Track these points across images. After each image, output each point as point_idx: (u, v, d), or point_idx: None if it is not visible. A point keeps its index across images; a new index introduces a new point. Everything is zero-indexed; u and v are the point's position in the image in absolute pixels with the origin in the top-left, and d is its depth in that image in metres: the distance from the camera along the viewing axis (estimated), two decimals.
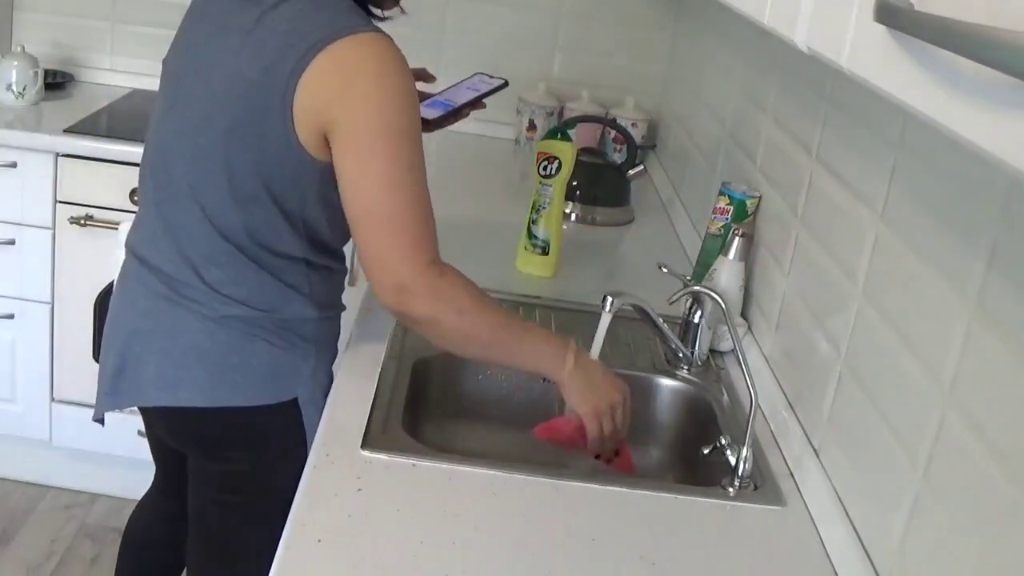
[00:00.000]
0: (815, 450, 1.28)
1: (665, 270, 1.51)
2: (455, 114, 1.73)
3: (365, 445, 1.21)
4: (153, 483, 1.77)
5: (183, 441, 1.44)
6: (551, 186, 1.76)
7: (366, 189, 1.23)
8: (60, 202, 2.32)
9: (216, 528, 1.47)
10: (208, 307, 1.32)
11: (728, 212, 1.66)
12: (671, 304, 1.49)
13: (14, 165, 2.27)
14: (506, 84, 1.74)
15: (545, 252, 1.81)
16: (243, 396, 1.34)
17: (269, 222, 1.30)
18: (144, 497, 1.79)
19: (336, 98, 1.21)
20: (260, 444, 1.39)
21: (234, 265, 1.32)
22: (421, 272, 1.26)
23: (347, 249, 1.45)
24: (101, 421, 1.46)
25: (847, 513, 1.15)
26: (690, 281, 1.51)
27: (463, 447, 1.48)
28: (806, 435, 1.32)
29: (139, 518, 1.79)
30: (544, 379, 1.36)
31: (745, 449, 1.25)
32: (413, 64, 1.42)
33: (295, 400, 1.37)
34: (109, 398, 1.39)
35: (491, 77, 1.76)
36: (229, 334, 1.33)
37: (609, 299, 1.37)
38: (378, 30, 1.30)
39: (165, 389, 1.34)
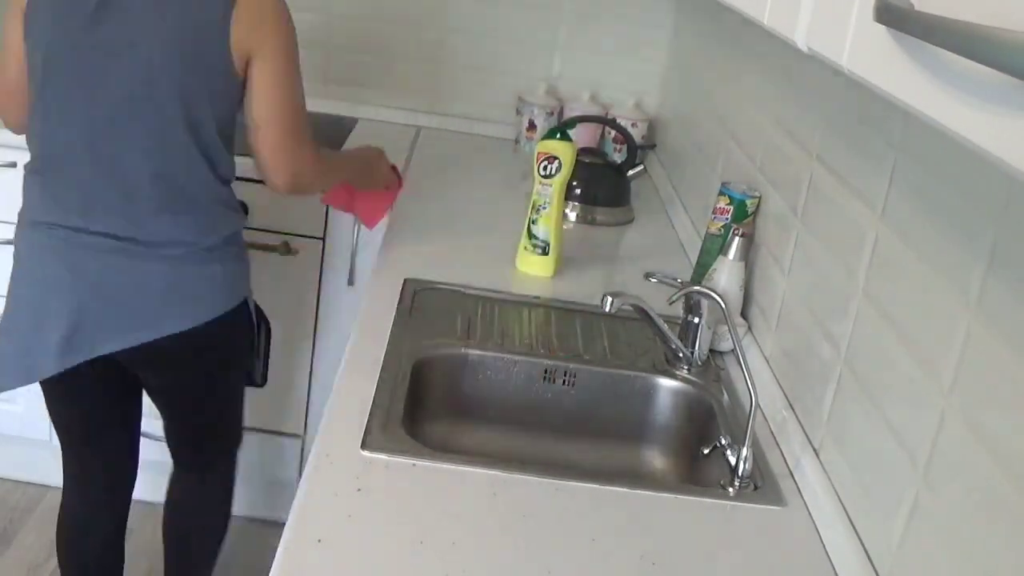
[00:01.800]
0: (815, 450, 1.28)
1: (654, 280, 1.50)
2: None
3: (365, 445, 1.21)
4: (74, 475, 1.85)
5: (158, 369, 1.69)
6: (551, 186, 1.76)
7: (277, 97, 1.58)
8: None
9: (206, 405, 1.81)
10: (170, 249, 1.57)
11: (728, 212, 1.66)
12: (671, 304, 1.49)
13: (14, 165, 2.26)
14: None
15: (545, 252, 1.81)
16: (212, 310, 1.63)
17: (217, 150, 1.58)
18: (69, 492, 1.87)
19: (256, 31, 1.53)
20: (229, 341, 1.73)
21: (190, 208, 1.58)
22: (311, 157, 1.65)
23: None
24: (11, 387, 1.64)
25: (847, 513, 1.15)
26: (683, 283, 1.51)
27: (463, 447, 1.48)
28: (806, 435, 1.32)
29: (75, 514, 1.87)
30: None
31: (745, 449, 1.25)
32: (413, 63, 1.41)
33: (244, 300, 1.71)
34: (67, 356, 1.58)
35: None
36: (190, 266, 1.59)
37: (609, 299, 1.37)
38: None
39: (146, 327, 1.58)
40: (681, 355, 1.52)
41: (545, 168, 1.76)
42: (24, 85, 1.58)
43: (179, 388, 1.77)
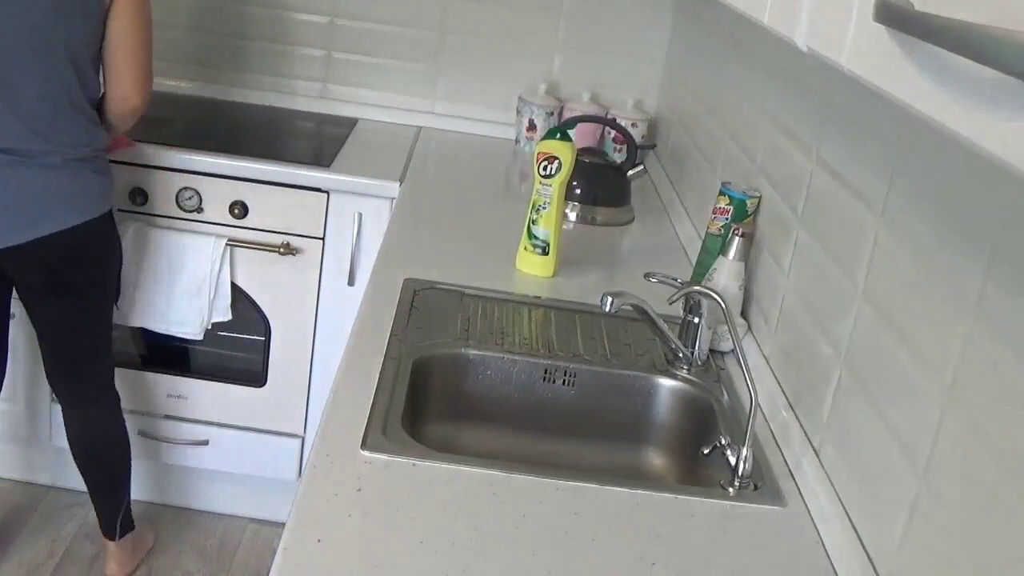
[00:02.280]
0: (815, 450, 1.28)
1: (654, 280, 1.50)
2: None
3: (365, 445, 1.21)
4: None
5: (35, 268, 1.94)
6: (551, 186, 1.76)
7: (133, 36, 1.92)
8: None
9: (80, 326, 2.05)
10: (52, 159, 1.86)
11: (728, 212, 1.66)
12: (671, 304, 1.49)
13: None
14: None
15: (545, 252, 1.81)
16: (83, 215, 1.91)
17: (89, 75, 1.91)
18: None
19: None
20: (99, 248, 2.00)
21: (73, 121, 1.89)
22: (150, 90, 2.00)
23: None
24: None
25: (847, 513, 1.15)
26: (683, 283, 1.51)
27: (463, 447, 1.48)
28: (806, 435, 1.32)
29: None
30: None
31: (745, 449, 1.25)
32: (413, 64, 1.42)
33: (109, 211, 1.99)
34: None
35: None
36: (67, 173, 1.89)
37: (609, 299, 1.37)
38: None
39: (27, 227, 1.86)
40: (681, 355, 1.52)
41: (545, 168, 1.76)
42: None
43: (53, 290, 1.98)
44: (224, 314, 2.30)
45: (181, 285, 2.27)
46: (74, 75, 1.87)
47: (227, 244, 2.26)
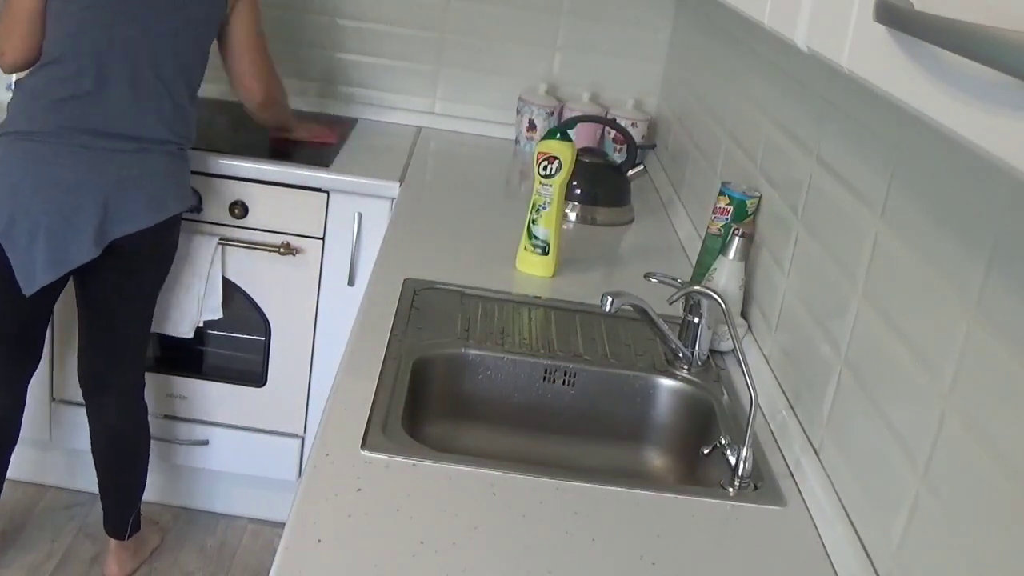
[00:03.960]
0: (815, 450, 1.28)
1: (654, 280, 1.50)
2: None
3: (365, 445, 1.21)
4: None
5: (129, 254, 2.00)
6: (551, 186, 1.76)
7: (257, 34, 2.17)
8: None
9: (135, 315, 2.11)
10: (170, 147, 2.02)
11: (728, 212, 1.66)
12: (671, 304, 1.49)
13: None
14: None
15: (545, 252, 1.81)
16: (188, 200, 2.11)
17: (200, 72, 2.09)
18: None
19: None
20: (176, 239, 2.12)
21: (183, 110, 2.04)
22: (277, 76, 2.26)
23: None
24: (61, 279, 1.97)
25: (847, 513, 1.16)
26: (683, 283, 1.51)
27: (463, 447, 1.48)
28: (806, 435, 1.32)
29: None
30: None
31: (745, 449, 1.25)
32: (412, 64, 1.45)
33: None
34: (101, 239, 1.92)
35: None
36: (180, 161, 2.05)
37: (609, 299, 1.37)
38: None
39: (156, 210, 1.98)
40: (681, 355, 1.52)
41: (545, 168, 1.76)
42: (29, 20, 1.96)
43: (132, 276, 2.05)
44: (215, 313, 2.30)
45: (170, 284, 2.27)
46: (194, 71, 2.06)
47: (219, 243, 2.26)
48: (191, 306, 2.28)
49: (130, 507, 2.24)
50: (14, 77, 2.47)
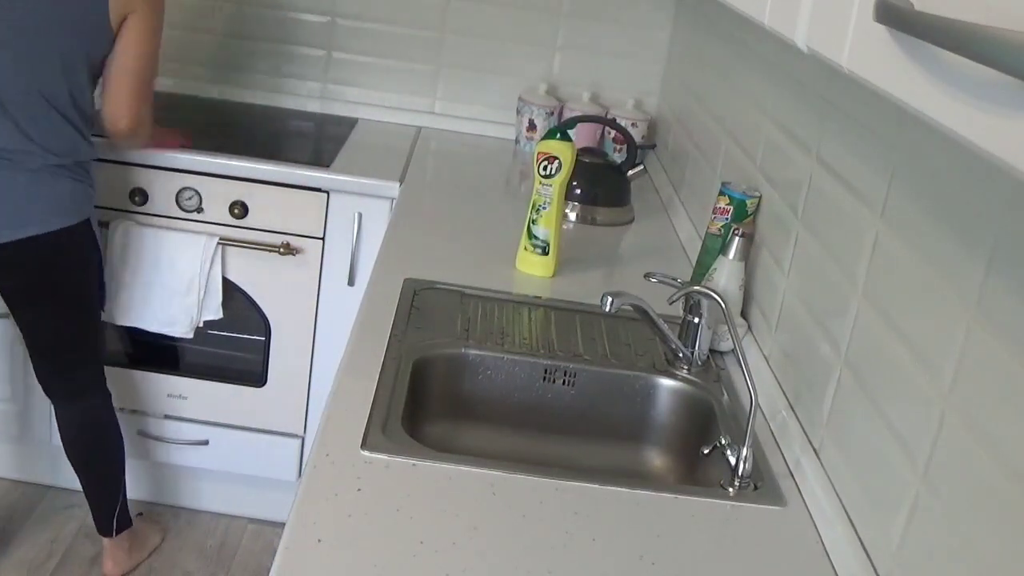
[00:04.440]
0: (815, 450, 1.28)
1: (654, 280, 1.50)
2: None
3: (365, 445, 1.21)
4: None
5: (15, 270, 1.96)
6: (551, 186, 1.76)
7: (139, 57, 1.97)
8: None
9: (60, 329, 2.08)
10: (34, 162, 1.89)
11: (728, 212, 1.66)
12: (671, 304, 1.49)
13: None
14: None
15: (545, 252, 1.81)
16: (62, 220, 1.94)
17: (84, 88, 1.94)
18: None
19: (133, 2, 1.93)
20: (77, 255, 2.01)
21: (57, 127, 1.91)
22: (150, 108, 2.06)
23: None
24: None
25: (847, 513, 1.16)
26: (683, 283, 1.51)
27: (463, 447, 1.48)
28: (806, 435, 1.32)
29: None
30: None
31: (745, 449, 1.25)
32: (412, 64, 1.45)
33: (88, 219, 1.99)
34: None
35: None
36: (47, 178, 1.92)
37: (609, 299, 1.37)
38: None
39: (5, 229, 1.89)
40: (681, 355, 1.52)
41: (545, 168, 1.76)
42: None
43: (31, 293, 2.02)
44: (215, 313, 2.30)
45: (170, 284, 2.27)
46: (65, 83, 1.90)
47: (219, 243, 2.26)
48: (191, 306, 2.28)
49: (111, 503, 2.24)
50: None
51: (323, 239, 2.30)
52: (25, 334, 2.10)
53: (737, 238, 1.57)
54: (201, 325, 2.31)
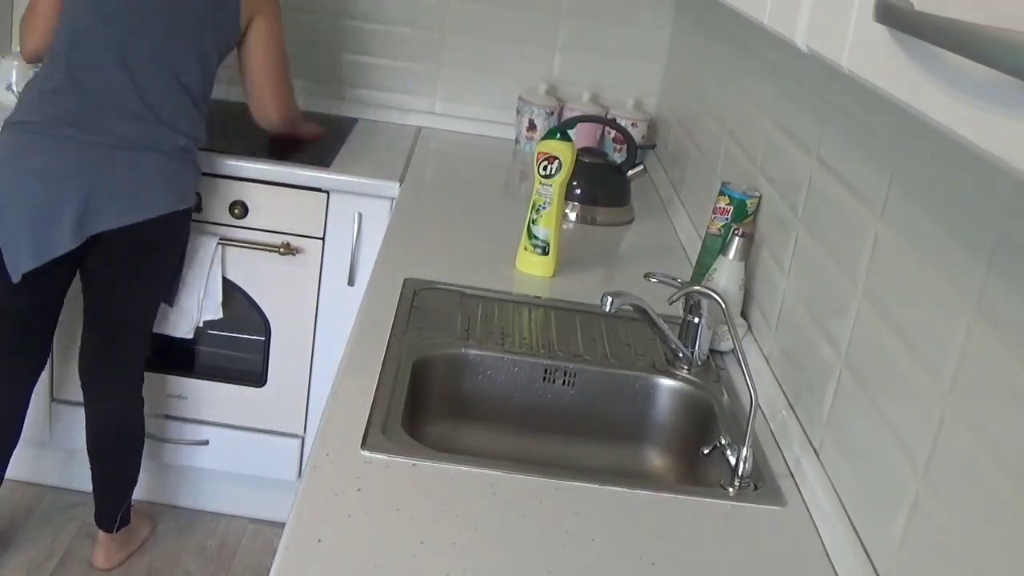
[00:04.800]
0: (815, 450, 1.28)
1: (654, 280, 1.50)
2: None
3: (365, 445, 1.21)
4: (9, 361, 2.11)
5: (118, 251, 2.01)
6: (551, 186, 1.76)
7: (275, 53, 2.18)
8: None
9: (135, 311, 2.12)
10: (165, 144, 2.00)
11: (728, 212, 1.66)
12: (671, 304, 1.49)
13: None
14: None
15: (545, 252, 1.81)
16: (182, 202, 2.05)
17: (212, 77, 2.10)
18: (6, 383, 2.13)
19: (259, 3, 2.12)
20: (177, 237, 2.12)
21: (187, 111, 2.04)
22: (294, 101, 2.31)
23: None
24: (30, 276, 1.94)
25: (847, 513, 1.16)
26: (683, 283, 1.51)
27: (463, 447, 1.48)
28: (806, 435, 1.32)
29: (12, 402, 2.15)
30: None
31: (745, 449, 1.25)
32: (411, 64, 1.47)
33: (191, 206, 2.10)
34: (80, 231, 1.92)
35: None
36: (174, 160, 2.02)
37: (609, 299, 1.37)
38: None
39: (138, 208, 1.97)
40: (681, 355, 1.52)
41: (545, 168, 1.76)
42: (50, 14, 2.01)
43: (125, 273, 2.05)
44: (215, 313, 2.30)
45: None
46: (200, 71, 2.04)
47: (219, 243, 2.26)
48: (191, 306, 2.28)
49: (121, 500, 2.26)
50: (13, 77, 2.47)
51: (323, 239, 2.30)
52: (92, 312, 2.11)
53: (737, 238, 1.57)
54: (201, 325, 2.31)
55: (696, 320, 1.51)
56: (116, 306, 2.10)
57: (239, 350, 2.42)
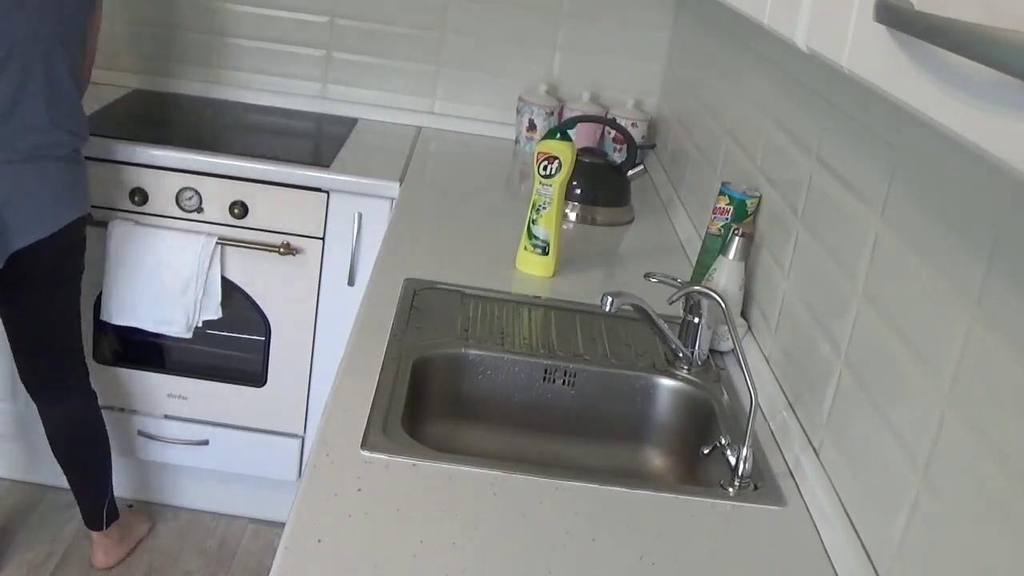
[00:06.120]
0: (815, 450, 1.28)
1: (654, 280, 1.50)
2: None
3: (365, 445, 1.21)
4: None
5: (35, 263, 1.96)
6: (551, 186, 1.76)
7: (98, 30, 2.09)
8: None
9: (57, 319, 2.09)
10: (62, 149, 1.94)
11: (728, 212, 1.66)
12: (671, 304, 1.49)
13: None
14: None
15: (545, 252, 1.81)
16: (87, 205, 2.02)
17: (81, 74, 1.99)
18: None
19: None
20: (82, 244, 2.06)
21: (74, 109, 1.96)
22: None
23: None
24: None
25: (847, 513, 1.16)
26: (683, 283, 1.51)
27: (463, 447, 1.48)
28: (806, 435, 1.32)
29: None
30: None
31: (745, 449, 1.25)
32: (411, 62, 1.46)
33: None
34: (3, 249, 1.88)
35: None
36: (74, 165, 1.98)
37: (609, 299, 1.37)
38: None
39: (50, 221, 1.93)
40: (681, 355, 1.52)
41: (545, 168, 1.76)
42: None
43: (45, 283, 2.02)
44: (214, 312, 2.30)
45: (168, 284, 2.27)
46: (81, 62, 1.98)
47: (217, 242, 2.26)
48: (189, 306, 2.28)
49: (100, 497, 2.25)
50: None
51: (323, 239, 2.30)
52: (13, 328, 2.08)
53: (737, 238, 1.57)
54: (200, 325, 2.31)
55: (696, 320, 1.51)
56: (36, 320, 2.07)
57: (239, 350, 2.42)
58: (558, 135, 1.78)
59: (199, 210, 2.27)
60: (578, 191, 2.17)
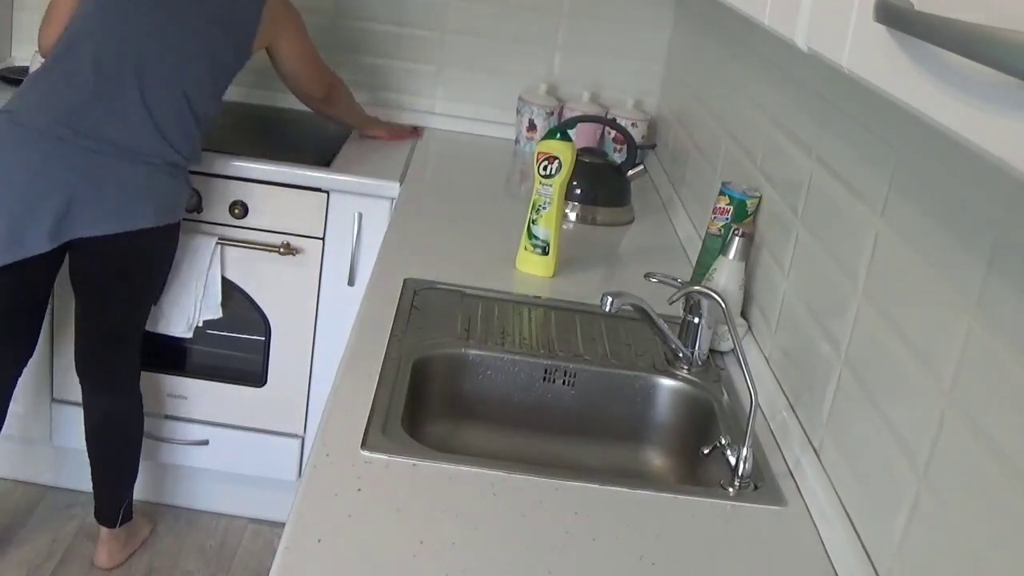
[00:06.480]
0: (815, 450, 1.28)
1: (654, 280, 1.50)
2: None
3: (365, 445, 1.21)
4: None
5: (107, 258, 2.01)
6: (551, 186, 1.76)
7: (301, 55, 2.28)
8: None
9: (124, 312, 2.13)
10: (159, 158, 1.98)
11: (728, 212, 1.66)
12: (671, 304, 1.49)
13: None
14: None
15: (545, 252, 1.81)
16: (170, 216, 2.04)
17: (217, 99, 2.11)
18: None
19: (279, 29, 2.19)
20: (166, 249, 2.12)
21: (188, 130, 2.03)
22: (331, 74, 2.40)
23: None
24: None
25: (847, 513, 1.16)
26: (683, 283, 1.51)
27: (463, 447, 1.48)
28: (806, 435, 1.32)
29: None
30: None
31: (745, 449, 1.25)
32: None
33: (180, 220, 2.11)
34: (57, 234, 1.91)
35: None
36: (164, 175, 2.00)
37: (609, 299, 1.37)
38: None
39: (118, 220, 1.95)
40: (681, 355, 1.52)
41: (545, 168, 1.76)
42: (64, 16, 2.02)
43: (114, 277, 2.06)
44: (215, 313, 2.30)
45: (168, 284, 2.26)
46: (210, 88, 2.07)
47: (218, 242, 2.26)
48: (189, 306, 2.28)
49: (122, 496, 2.27)
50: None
51: (323, 239, 2.30)
52: (83, 316, 2.12)
53: (737, 238, 1.56)
54: (200, 325, 2.31)
55: (696, 320, 1.51)
56: (104, 311, 2.11)
57: (239, 350, 2.42)
58: (558, 135, 1.78)
59: (199, 210, 2.27)
60: (578, 191, 2.17)
